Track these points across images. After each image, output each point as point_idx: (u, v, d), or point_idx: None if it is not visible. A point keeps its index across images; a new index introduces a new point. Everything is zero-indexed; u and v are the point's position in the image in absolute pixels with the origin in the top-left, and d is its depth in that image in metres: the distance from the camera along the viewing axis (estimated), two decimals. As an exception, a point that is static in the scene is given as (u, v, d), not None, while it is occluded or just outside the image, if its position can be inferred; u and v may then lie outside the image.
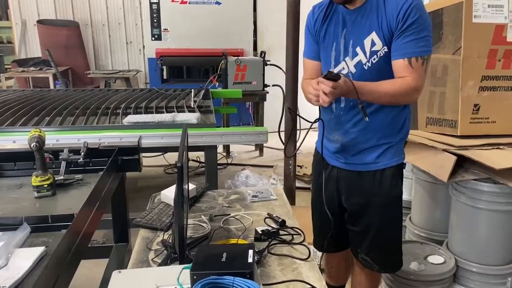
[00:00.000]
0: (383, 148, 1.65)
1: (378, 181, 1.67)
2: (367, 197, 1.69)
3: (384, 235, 1.73)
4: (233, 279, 1.03)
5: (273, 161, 4.75)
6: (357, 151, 1.67)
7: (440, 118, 2.23)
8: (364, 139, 1.65)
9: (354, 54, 1.58)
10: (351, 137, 1.65)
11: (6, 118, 2.78)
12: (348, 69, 1.60)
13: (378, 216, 1.70)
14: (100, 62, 6.64)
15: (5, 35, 8.74)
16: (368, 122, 1.55)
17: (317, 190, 1.84)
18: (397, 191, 1.71)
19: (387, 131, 1.64)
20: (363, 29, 1.54)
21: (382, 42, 1.52)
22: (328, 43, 1.64)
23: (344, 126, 1.66)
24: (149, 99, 3.44)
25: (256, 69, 4.42)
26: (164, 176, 4.45)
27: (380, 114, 1.61)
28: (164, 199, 1.85)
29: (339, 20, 1.60)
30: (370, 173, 1.67)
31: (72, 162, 1.82)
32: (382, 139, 1.65)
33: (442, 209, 2.29)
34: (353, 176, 1.71)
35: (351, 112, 1.63)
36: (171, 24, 5.22)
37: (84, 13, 6.46)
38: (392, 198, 1.71)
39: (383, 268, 1.82)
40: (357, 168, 1.69)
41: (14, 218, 1.42)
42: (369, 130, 1.63)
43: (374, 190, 1.68)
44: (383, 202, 1.68)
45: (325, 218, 1.76)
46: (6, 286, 1.04)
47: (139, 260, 1.43)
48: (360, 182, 1.70)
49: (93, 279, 2.03)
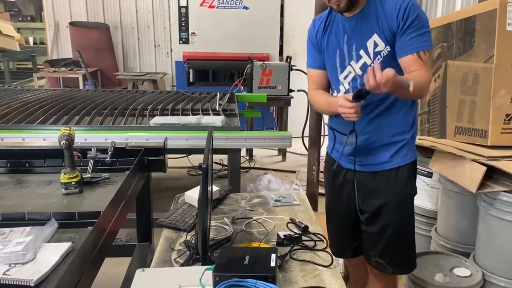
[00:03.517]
0: (397, 147, 1.67)
1: (393, 180, 1.68)
2: (383, 197, 1.70)
3: (400, 235, 1.73)
4: (255, 282, 1.02)
5: (295, 166, 4.73)
6: (371, 151, 1.68)
7: (469, 128, 2.18)
8: (378, 138, 1.67)
9: (358, 57, 1.62)
10: (364, 137, 1.66)
11: (38, 116, 2.86)
12: (355, 73, 1.63)
13: (394, 215, 1.70)
14: (128, 64, 6.77)
15: (39, 36, 9.03)
16: (381, 121, 1.61)
17: (333, 195, 1.86)
18: (412, 189, 1.73)
19: (400, 128, 1.67)
20: (364, 33, 1.59)
21: (385, 42, 1.56)
22: (332, 51, 1.68)
23: (356, 125, 1.64)
24: (176, 101, 3.48)
25: (281, 74, 4.43)
26: (187, 177, 4.49)
27: (391, 112, 1.64)
28: (187, 200, 1.86)
29: (340, 28, 1.65)
30: (385, 173, 1.69)
31: (100, 161, 1.86)
32: (395, 137, 1.67)
33: (470, 220, 2.23)
34: (368, 177, 1.71)
35: (363, 112, 1.59)
36: (198, 28, 5.28)
37: (115, 16, 6.60)
38: (408, 196, 1.73)
39: (397, 269, 1.81)
40: (372, 169, 1.70)
41: (42, 213, 1.45)
42: (381, 129, 1.66)
43: (390, 189, 1.69)
44: (399, 201, 1.70)
45: (344, 224, 1.79)
46: (34, 279, 1.06)
47: (161, 260, 1.44)
48: (376, 182, 1.70)
49: (116, 277, 2.06)
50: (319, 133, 3.32)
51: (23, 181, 1.80)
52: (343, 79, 1.67)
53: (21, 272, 1.10)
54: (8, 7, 9.91)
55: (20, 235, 1.27)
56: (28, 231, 1.29)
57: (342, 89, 1.69)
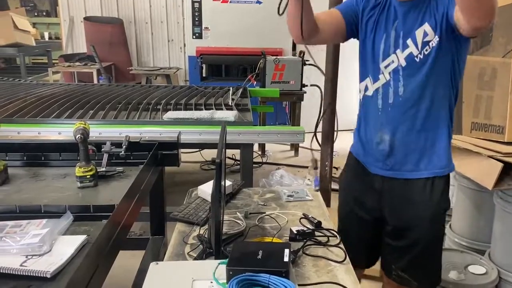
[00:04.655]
0: (435, 153, 1.52)
1: (429, 191, 1.53)
2: (416, 209, 1.54)
3: (429, 251, 1.59)
4: (269, 277, 1.02)
5: (308, 161, 4.71)
6: (406, 155, 1.54)
7: (486, 124, 2.14)
8: (416, 139, 1.52)
9: (404, 46, 1.48)
10: (401, 136, 1.53)
11: (53, 110, 2.89)
12: (398, 62, 1.49)
13: (427, 230, 1.55)
14: (142, 59, 6.80)
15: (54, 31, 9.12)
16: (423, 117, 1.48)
17: (350, 201, 1.73)
18: (447, 204, 1.57)
19: (439, 131, 1.52)
20: (415, 20, 1.46)
21: (435, 31, 1.42)
22: (378, 35, 1.53)
23: (393, 122, 1.53)
24: (189, 96, 3.49)
25: (294, 68, 4.40)
26: (200, 172, 4.51)
27: (436, 107, 1.49)
28: (201, 194, 1.87)
29: (391, 12, 1.51)
30: (420, 182, 1.54)
31: (114, 155, 1.87)
32: (433, 140, 1.52)
33: (486, 217, 2.21)
34: (400, 185, 1.57)
35: (401, 107, 1.51)
36: (211, 22, 5.27)
37: (128, 11, 6.63)
38: (442, 211, 1.57)
39: (421, 284, 1.64)
40: (405, 176, 1.55)
41: (58, 206, 1.47)
42: (421, 129, 1.51)
43: (425, 201, 1.53)
44: (433, 215, 1.55)
45: (362, 235, 1.69)
46: (50, 271, 1.08)
47: (175, 253, 1.45)
48: (408, 191, 1.56)
49: (130, 269, 2.07)
50: (332, 128, 3.31)
51: (39, 174, 1.82)
52: (384, 68, 1.52)
53: (38, 263, 1.12)
54: (23, 2, 10.02)
55: (37, 227, 1.28)
56: (44, 223, 1.31)
57: (382, 79, 1.53)
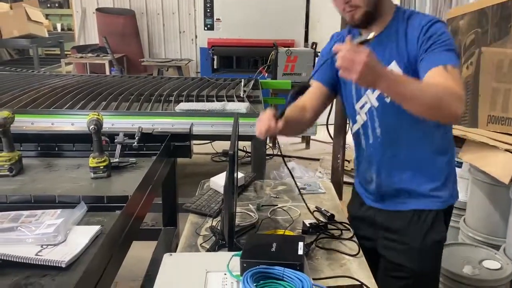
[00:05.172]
0: (422, 191, 1.46)
1: (415, 222, 1.46)
2: (407, 241, 1.48)
3: (422, 284, 1.51)
4: (283, 270, 1.02)
5: (319, 154, 4.69)
6: (394, 194, 1.49)
7: (503, 117, 2.11)
8: (399, 180, 1.47)
9: None
10: (385, 176, 1.49)
11: (66, 101, 2.91)
12: (371, 103, 1.44)
13: (419, 263, 1.47)
14: (153, 51, 6.80)
15: (66, 22, 9.15)
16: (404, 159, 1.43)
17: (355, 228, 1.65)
18: (439, 235, 1.49)
19: (429, 169, 1.46)
20: (382, 59, 1.28)
21: (403, 70, 1.34)
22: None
23: (376, 163, 1.49)
24: (200, 87, 3.49)
25: (306, 60, 4.36)
26: (211, 163, 4.52)
27: (417, 147, 1.43)
28: (213, 186, 1.87)
29: None
30: (408, 213, 1.48)
31: (127, 146, 1.88)
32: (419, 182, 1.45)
33: (501, 212, 2.17)
34: (389, 217, 1.51)
35: (381, 148, 1.47)
36: (223, 14, 5.24)
37: (140, 2, 6.61)
38: (436, 243, 1.49)
39: None
40: (396, 207, 1.50)
41: (72, 196, 1.48)
42: (405, 168, 1.45)
43: (413, 232, 1.47)
44: (425, 247, 1.47)
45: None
46: (65, 260, 1.09)
47: (188, 245, 1.45)
48: (400, 223, 1.49)
49: (142, 260, 2.09)
50: (345, 121, 3.28)
51: (53, 165, 1.84)
52: (359, 108, 1.48)
53: (53, 253, 1.13)
54: (36, -7, 10.07)
55: (51, 217, 1.29)
56: (58, 213, 1.32)
57: (360, 120, 1.49)
